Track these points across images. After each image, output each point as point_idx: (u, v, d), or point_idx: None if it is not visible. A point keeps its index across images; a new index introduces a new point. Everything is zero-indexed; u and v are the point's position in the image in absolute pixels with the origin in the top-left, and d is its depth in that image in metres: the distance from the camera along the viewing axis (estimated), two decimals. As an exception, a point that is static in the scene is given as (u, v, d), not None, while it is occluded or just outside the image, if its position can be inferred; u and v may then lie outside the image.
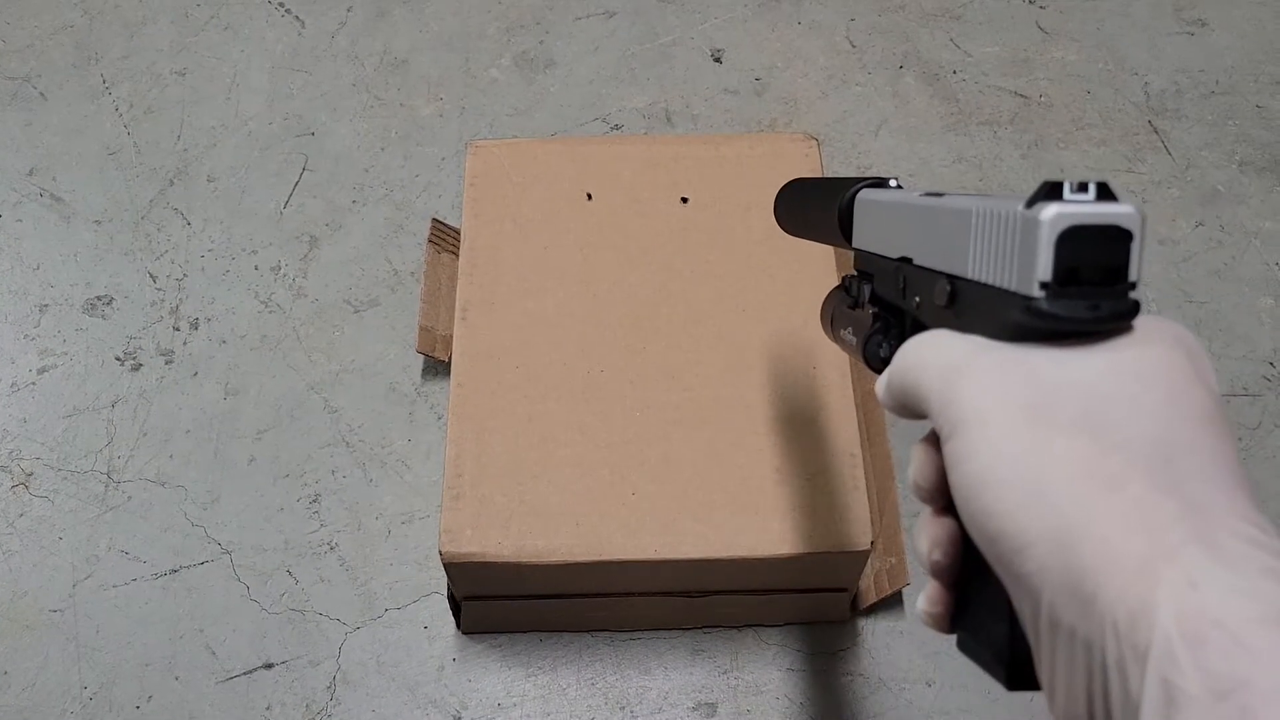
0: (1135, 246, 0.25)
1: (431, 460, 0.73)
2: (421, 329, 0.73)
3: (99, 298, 0.80)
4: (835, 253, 0.69)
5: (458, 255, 0.70)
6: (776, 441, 0.61)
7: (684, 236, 0.69)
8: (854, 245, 0.38)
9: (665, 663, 0.65)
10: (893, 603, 0.67)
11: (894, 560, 0.64)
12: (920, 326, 0.31)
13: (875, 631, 0.66)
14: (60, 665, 0.65)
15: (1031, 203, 0.25)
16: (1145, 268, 0.82)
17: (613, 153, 0.72)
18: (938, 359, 0.27)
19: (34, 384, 0.76)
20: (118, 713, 0.64)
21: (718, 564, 0.59)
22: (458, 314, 0.66)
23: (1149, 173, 0.87)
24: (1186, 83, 0.92)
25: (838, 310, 0.39)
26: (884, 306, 0.35)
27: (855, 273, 0.38)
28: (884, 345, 0.35)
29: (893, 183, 0.37)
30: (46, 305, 0.80)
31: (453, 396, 0.63)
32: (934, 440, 0.27)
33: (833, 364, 0.64)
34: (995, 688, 0.65)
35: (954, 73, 0.93)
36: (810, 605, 0.65)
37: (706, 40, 0.95)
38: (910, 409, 0.28)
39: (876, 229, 0.36)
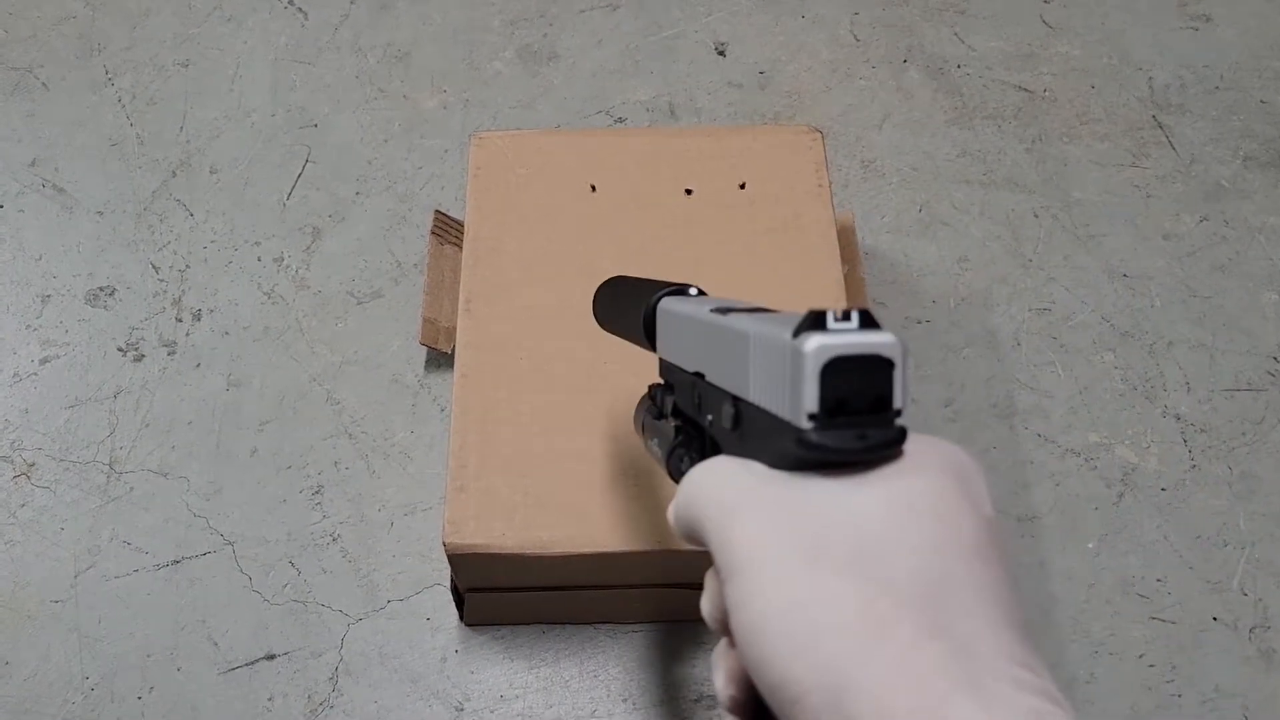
0: (898, 374, 0.25)
1: (434, 452, 0.73)
2: (425, 321, 0.73)
3: (101, 288, 0.80)
4: (839, 245, 0.69)
5: (461, 247, 0.70)
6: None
7: (687, 229, 0.69)
8: (658, 354, 0.37)
9: (669, 655, 0.65)
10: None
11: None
12: (716, 445, 0.31)
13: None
14: (62, 656, 0.65)
15: (798, 332, 0.25)
16: (1150, 262, 0.82)
17: (616, 145, 0.72)
18: (715, 494, 0.26)
19: (36, 374, 0.76)
20: (119, 703, 0.64)
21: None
22: (461, 305, 0.66)
23: (1153, 167, 0.87)
24: (1191, 77, 0.92)
25: (646, 420, 0.39)
26: (685, 419, 0.35)
27: (661, 382, 0.37)
28: (685, 459, 0.34)
29: (693, 290, 0.36)
30: (49, 296, 0.80)
31: (456, 388, 0.62)
32: None
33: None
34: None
35: (958, 67, 0.93)
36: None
37: (710, 33, 0.95)
38: (696, 542, 0.28)
39: (675, 340, 0.35)
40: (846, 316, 0.25)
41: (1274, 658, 0.66)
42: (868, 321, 0.25)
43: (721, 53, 0.94)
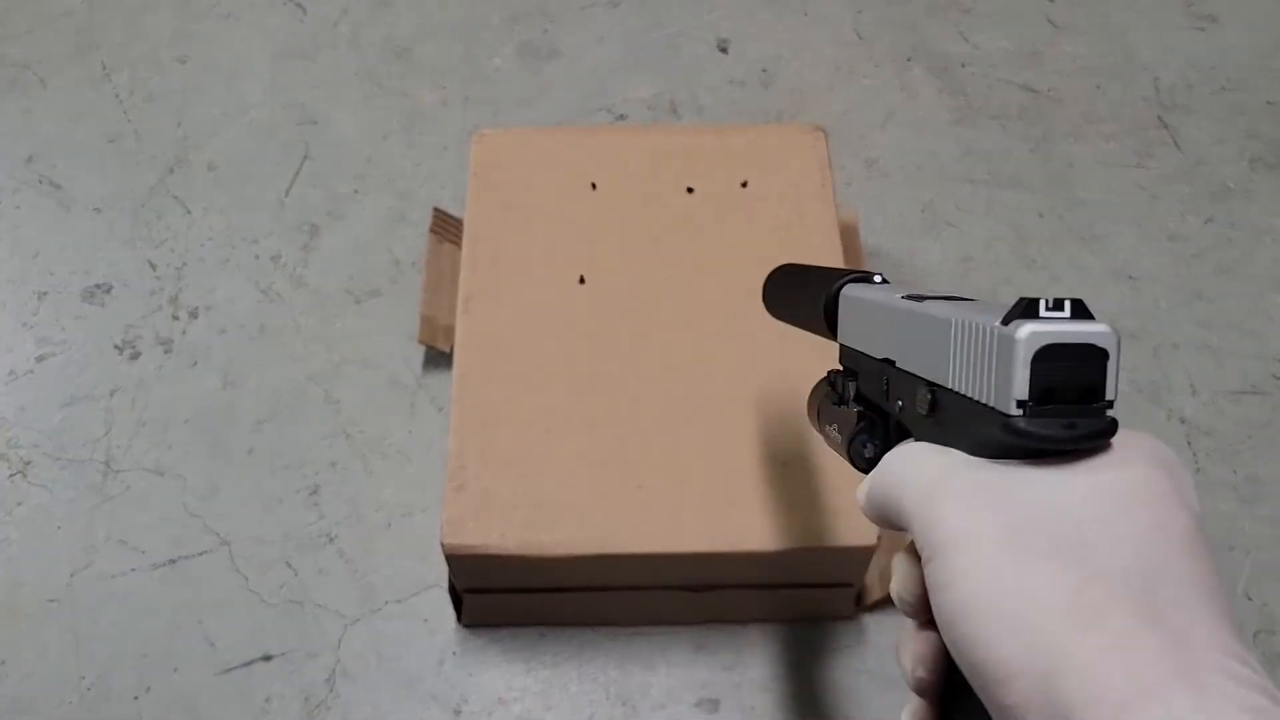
0: (1111, 365, 0.25)
1: (432, 452, 0.72)
2: (423, 319, 0.72)
3: (98, 286, 0.80)
4: (843, 244, 0.68)
5: (460, 245, 0.69)
6: (782, 435, 0.61)
7: (689, 227, 0.68)
8: (839, 340, 0.37)
9: (668, 658, 0.65)
10: (898, 599, 0.66)
11: (899, 556, 0.64)
12: (904, 429, 0.31)
13: (881, 628, 0.66)
14: (58, 655, 0.65)
15: (1008, 319, 0.25)
16: (1155, 263, 0.81)
17: (618, 142, 0.72)
18: (918, 477, 0.27)
19: (32, 372, 0.76)
20: (116, 703, 0.63)
21: (721, 558, 0.58)
22: (460, 304, 0.65)
23: (1158, 168, 0.86)
24: (1197, 78, 0.92)
25: (824, 405, 0.39)
26: (868, 405, 0.35)
27: (841, 368, 0.37)
28: (869, 445, 0.34)
29: (877, 278, 0.36)
30: (45, 293, 0.79)
31: (455, 387, 0.62)
32: (915, 553, 0.27)
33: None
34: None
35: (963, 65, 0.93)
36: (814, 601, 0.64)
37: (712, 30, 0.95)
38: (891, 524, 0.28)
39: (861, 327, 0.35)
40: (1059, 305, 0.25)
41: None
42: (1080, 311, 0.25)
43: (724, 50, 0.93)
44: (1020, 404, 0.25)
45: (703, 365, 0.63)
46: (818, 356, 0.64)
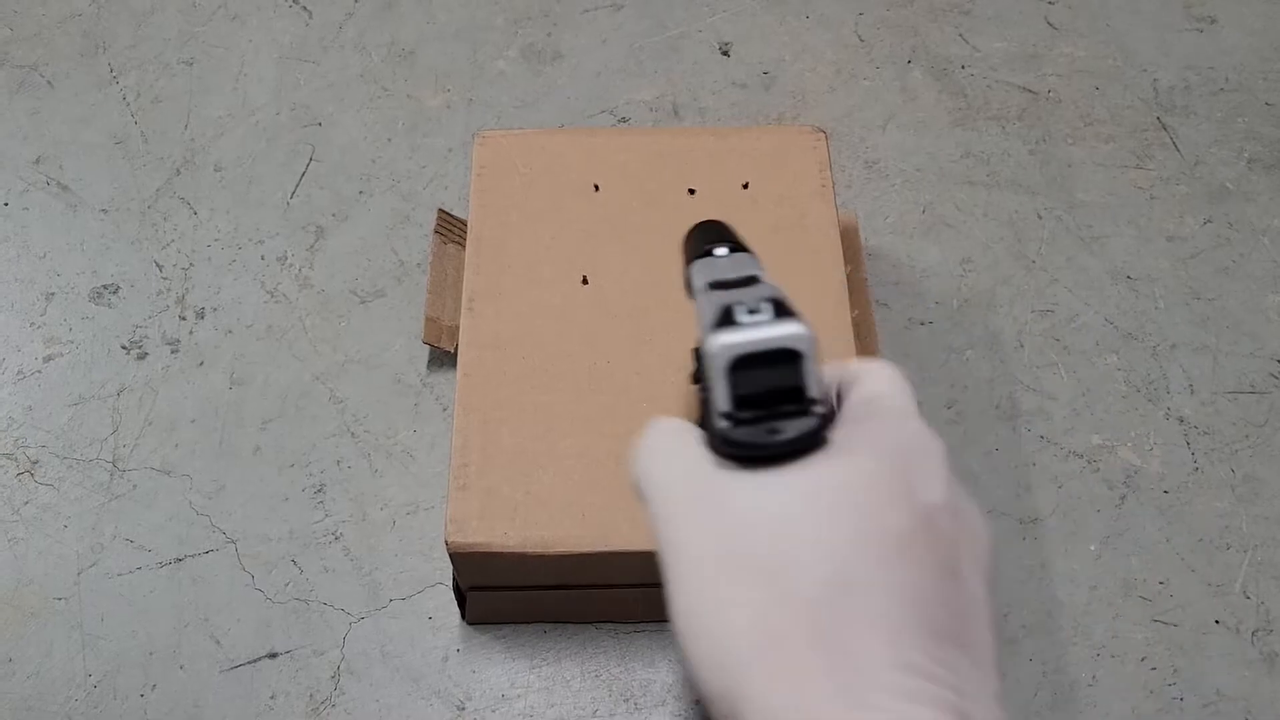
0: (808, 364, 0.24)
1: (436, 451, 0.73)
2: (427, 319, 0.73)
3: (105, 286, 0.80)
4: (843, 245, 0.69)
5: (464, 246, 0.70)
6: (783, 434, 0.61)
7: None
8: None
9: (670, 656, 0.65)
10: (898, 597, 0.67)
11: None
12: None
13: (880, 625, 0.66)
14: (65, 653, 0.65)
15: (712, 329, 0.25)
16: (1153, 264, 0.82)
17: (620, 144, 0.72)
18: (660, 473, 0.26)
19: (40, 372, 0.76)
20: (122, 701, 0.64)
21: (723, 556, 0.58)
22: (464, 304, 0.66)
23: (1157, 169, 0.87)
24: (1196, 79, 0.92)
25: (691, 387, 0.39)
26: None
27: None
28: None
29: (720, 251, 0.35)
30: (53, 294, 0.80)
31: (459, 387, 0.63)
32: None
33: (839, 357, 0.64)
34: (1007, 681, 0.65)
35: (962, 67, 0.93)
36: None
37: (714, 33, 0.95)
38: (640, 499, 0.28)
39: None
40: (757, 310, 0.25)
41: (1277, 661, 0.66)
42: (782, 311, 0.25)
43: (725, 53, 0.94)
44: (726, 415, 0.25)
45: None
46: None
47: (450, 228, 0.77)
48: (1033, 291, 0.81)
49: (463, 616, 0.66)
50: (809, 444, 0.24)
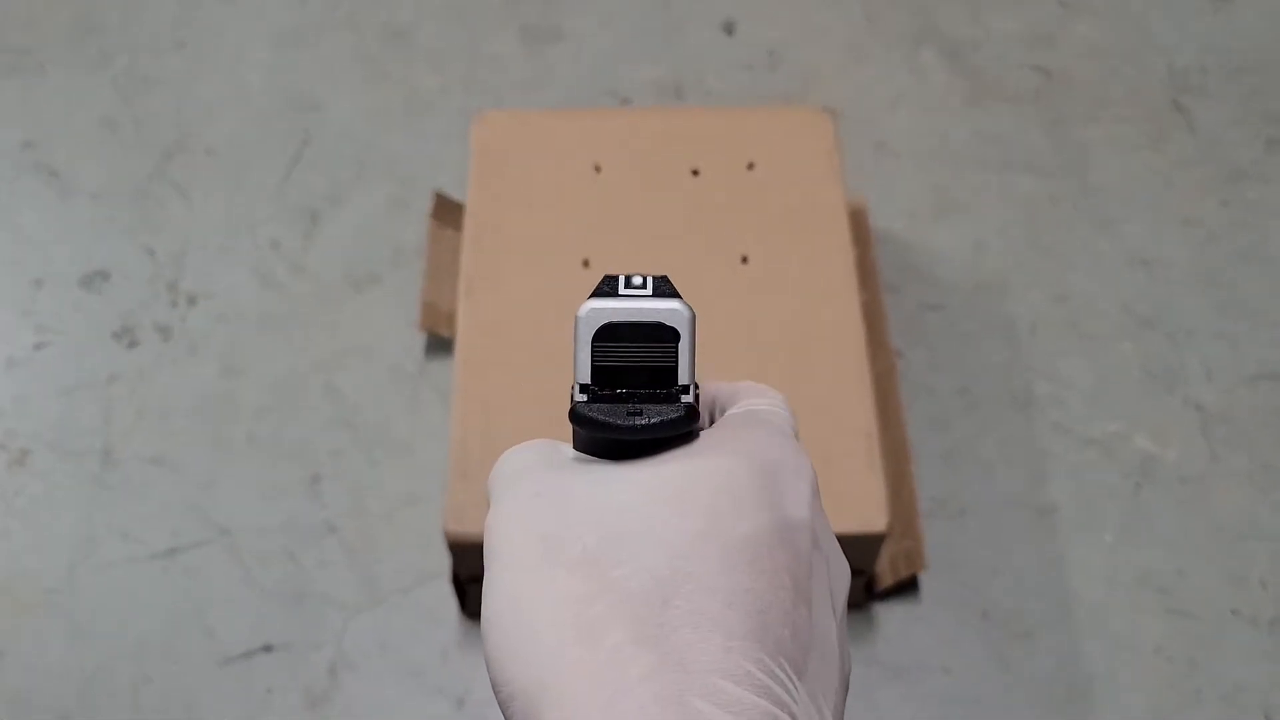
0: (684, 346, 0.23)
1: (434, 442, 0.71)
2: (425, 304, 0.71)
3: (96, 273, 0.79)
4: (852, 228, 0.67)
5: (461, 230, 0.68)
6: (791, 422, 0.60)
7: (694, 210, 0.67)
8: None
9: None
10: (909, 588, 0.65)
11: (910, 544, 0.63)
12: None
13: (891, 617, 0.65)
14: (58, 646, 0.64)
15: (590, 296, 0.23)
16: (1170, 248, 0.80)
17: (622, 125, 0.71)
18: (502, 469, 0.24)
19: (30, 360, 0.75)
20: (115, 694, 0.63)
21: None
22: (462, 289, 0.64)
23: (1173, 151, 0.85)
24: (1212, 60, 0.90)
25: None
26: None
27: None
28: None
29: (636, 279, 0.33)
30: (43, 281, 0.78)
31: (458, 373, 0.61)
32: None
33: (847, 343, 0.62)
34: (1015, 677, 0.63)
35: (974, 47, 0.91)
36: (824, 591, 0.63)
37: (719, 12, 0.93)
38: None
39: None
40: (642, 284, 0.23)
41: (1297, 654, 0.64)
42: (663, 289, 0.23)
43: (730, 32, 0.92)
44: (584, 388, 0.23)
45: (707, 350, 0.62)
46: (823, 342, 0.63)
47: (447, 211, 0.75)
48: (1047, 276, 0.79)
49: (462, 609, 0.65)
50: (669, 432, 0.23)
